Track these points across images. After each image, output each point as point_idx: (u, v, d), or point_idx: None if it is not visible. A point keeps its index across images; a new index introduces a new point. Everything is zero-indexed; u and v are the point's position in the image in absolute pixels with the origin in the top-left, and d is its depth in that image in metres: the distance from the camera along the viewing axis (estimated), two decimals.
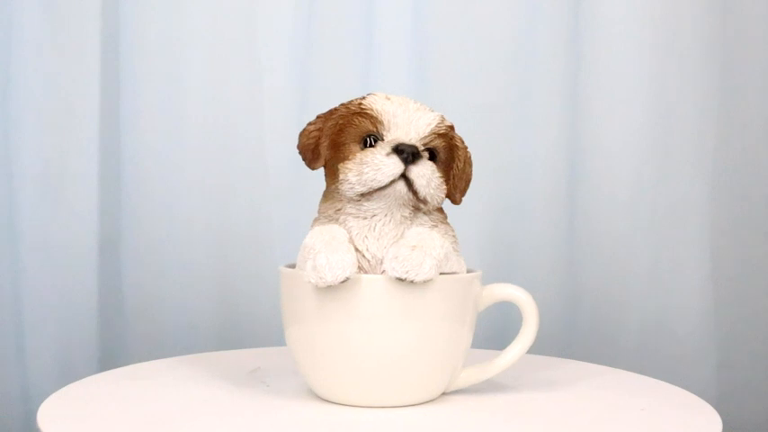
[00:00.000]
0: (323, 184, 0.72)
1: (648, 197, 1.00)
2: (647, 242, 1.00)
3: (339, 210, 0.66)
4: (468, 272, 0.68)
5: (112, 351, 1.05)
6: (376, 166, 0.63)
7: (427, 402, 0.66)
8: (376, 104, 0.65)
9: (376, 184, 0.63)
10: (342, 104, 0.67)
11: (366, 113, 0.65)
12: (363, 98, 0.66)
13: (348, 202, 0.65)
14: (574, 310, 1.03)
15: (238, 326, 1.06)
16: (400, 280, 0.61)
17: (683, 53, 0.99)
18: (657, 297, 1.00)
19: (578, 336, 1.03)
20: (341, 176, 0.64)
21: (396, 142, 0.64)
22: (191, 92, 1.05)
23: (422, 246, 0.62)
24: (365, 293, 0.62)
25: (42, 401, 0.66)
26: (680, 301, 0.99)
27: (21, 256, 1.00)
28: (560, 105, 1.03)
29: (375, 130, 0.65)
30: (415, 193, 0.64)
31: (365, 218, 0.65)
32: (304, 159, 0.68)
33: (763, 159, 1.01)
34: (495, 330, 1.05)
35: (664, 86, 1.00)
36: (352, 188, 0.64)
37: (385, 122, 0.65)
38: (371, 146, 0.65)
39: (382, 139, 0.65)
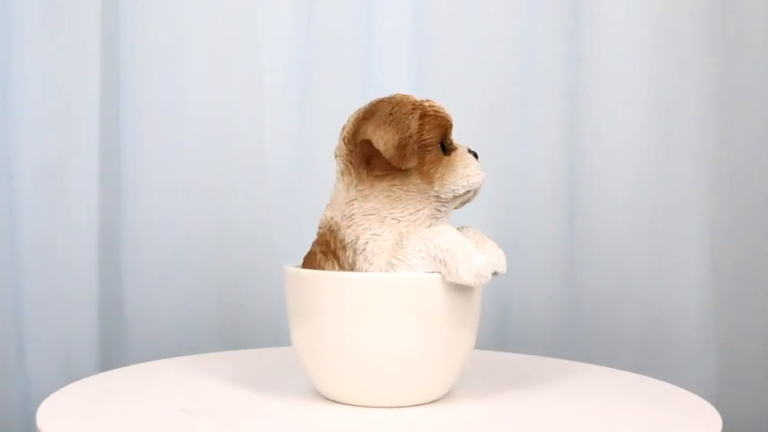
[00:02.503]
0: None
1: (648, 197, 1.00)
2: (647, 242, 1.00)
3: (419, 210, 0.66)
4: None
5: (112, 351, 1.05)
6: (476, 170, 0.67)
7: (431, 402, 0.66)
8: (444, 108, 0.67)
9: (474, 187, 0.67)
10: (409, 102, 0.66)
11: (441, 116, 0.67)
12: (427, 100, 0.67)
13: (430, 204, 0.66)
14: (574, 309, 1.03)
15: (238, 326, 1.06)
16: (494, 274, 0.65)
17: (683, 53, 0.99)
18: (657, 297, 1.00)
19: (578, 336, 1.03)
20: (449, 179, 0.65)
21: (467, 147, 0.68)
22: (191, 92, 1.05)
23: (494, 244, 0.66)
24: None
25: (42, 401, 0.66)
26: (680, 301, 0.99)
27: (21, 256, 1.00)
28: (560, 105, 1.03)
29: (447, 134, 0.67)
30: (473, 195, 0.68)
31: (438, 218, 0.67)
32: (400, 157, 0.64)
33: (763, 159, 1.01)
34: (494, 330, 1.05)
35: (664, 86, 1.00)
36: (455, 190, 0.66)
37: (452, 128, 0.67)
38: (446, 150, 0.67)
39: (450, 144, 0.67)
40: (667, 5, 0.99)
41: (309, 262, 0.69)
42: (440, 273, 0.63)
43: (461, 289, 0.64)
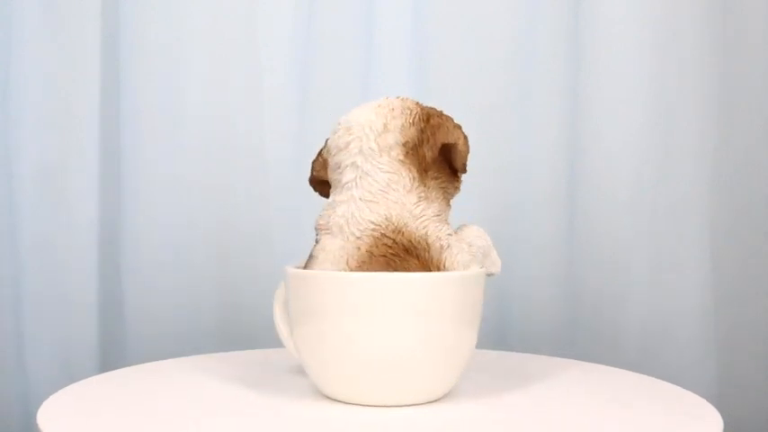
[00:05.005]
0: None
1: (648, 197, 1.00)
2: (647, 242, 1.00)
3: (449, 210, 0.71)
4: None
5: (112, 351, 1.05)
6: None
7: (433, 402, 0.66)
8: None
9: None
10: (439, 111, 0.70)
11: None
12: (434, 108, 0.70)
13: (448, 204, 0.71)
14: (574, 310, 1.03)
15: (239, 326, 1.06)
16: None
17: (683, 53, 0.99)
18: (657, 297, 1.00)
19: (578, 335, 1.03)
20: (458, 184, 0.72)
21: None
22: (191, 92, 1.05)
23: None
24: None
25: (42, 402, 0.66)
26: (680, 301, 0.99)
27: (21, 256, 1.00)
28: (560, 105, 1.03)
29: None
30: None
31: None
32: (464, 166, 0.71)
33: (763, 159, 1.00)
34: (495, 330, 1.05)
35: (664, 86, 0.99)
36: (456, 194, 0.72)
37: None
38: None
39: None
40: (667, 5, 0.99)
41: (371, 266, 0.65)
42: (483, 266, 0.69)
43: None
